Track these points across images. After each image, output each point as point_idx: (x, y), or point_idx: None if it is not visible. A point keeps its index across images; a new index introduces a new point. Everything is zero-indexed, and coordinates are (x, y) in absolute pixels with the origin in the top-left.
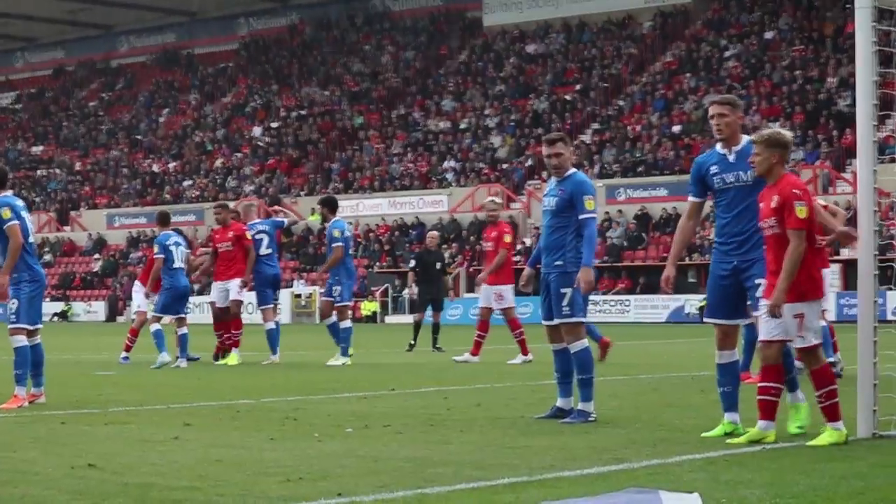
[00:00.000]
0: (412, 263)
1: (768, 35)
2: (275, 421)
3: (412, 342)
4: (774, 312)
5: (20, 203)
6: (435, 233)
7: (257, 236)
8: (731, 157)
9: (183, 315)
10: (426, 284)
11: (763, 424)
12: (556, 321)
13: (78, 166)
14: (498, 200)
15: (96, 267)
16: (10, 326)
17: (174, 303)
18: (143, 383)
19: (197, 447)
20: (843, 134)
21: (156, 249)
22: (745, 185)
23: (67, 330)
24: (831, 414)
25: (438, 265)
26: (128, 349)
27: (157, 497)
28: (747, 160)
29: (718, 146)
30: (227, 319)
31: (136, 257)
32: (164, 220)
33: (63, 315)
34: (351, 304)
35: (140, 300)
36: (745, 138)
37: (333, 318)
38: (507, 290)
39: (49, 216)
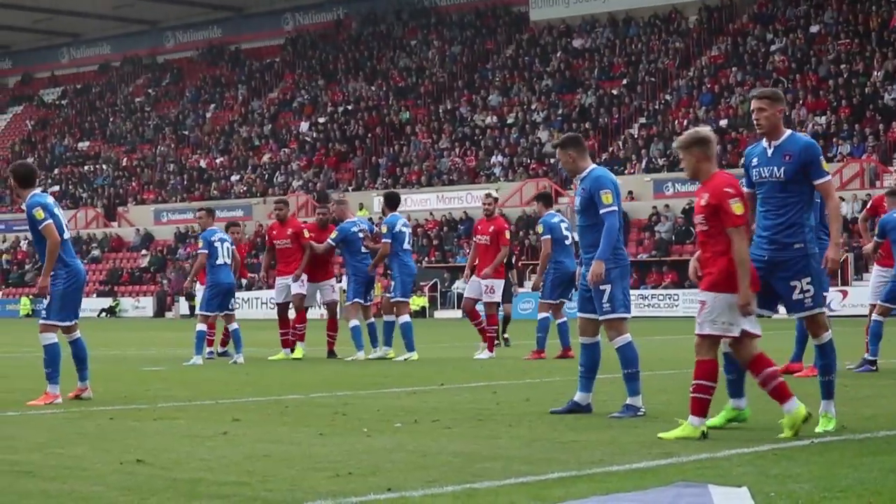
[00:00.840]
0: None
1: (814, 29)
2: (324, 416)
3: (505, 336)
4: (748, 311)
5: (51, 200)
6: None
7: (360, 234)
8: (770, 152)
9: (231, 311)
10: None
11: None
12: (600, 318)
13: (125, 162)
14: (494, 195)
15: (144, 262)
16: (41, 322)
17: (215, 299)
18: (191, 379)
19: (245, 442)
20: (889, 127)
21: (200, 244)
22: (778, 181)
23: (115, 325)
24: (696, 408)
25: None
26: (209, 343)
27: (205, 492)
28: (783, 155)
29: (764, 139)
30: (286, 316)
31: (183, 253)
32: (211, 215)
33: (111, 311)
34: (405, 299)
35: None
36: (786, 133)
37: (393, 316)
38: (499, 284)
39: (96, 212)
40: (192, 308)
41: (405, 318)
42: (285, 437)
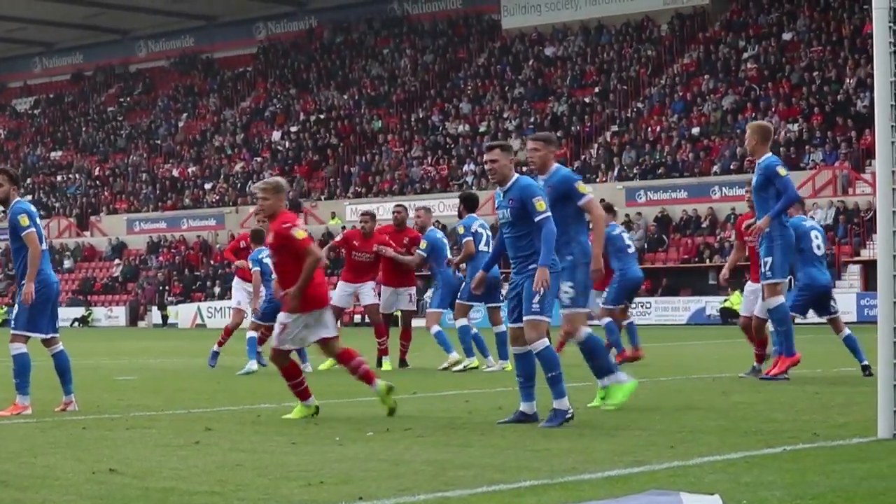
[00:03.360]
0: None
1: (786, 36)
2: (296, 425)
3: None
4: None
5: (34, 209)
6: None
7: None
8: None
9: None
10: None
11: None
12: (524, 318)
13: (97, 171)
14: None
15: (116, 272)
16: (11, 332)
17: (274, 312)
18: (163, 388)
19: (218, 452)
20: (861, 135)
21: (250, 265)
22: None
23: (88, 335)
24: (302, 396)
25: None
26: (219, 345)
27: (177, 501)
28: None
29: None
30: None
31: (156, 263)
32: (257, 238)
33: (84, 320)
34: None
35: (241, 297)
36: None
37: None
38: None
39: (69, 221)
40: (164, 318)
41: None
42: (258, 446)
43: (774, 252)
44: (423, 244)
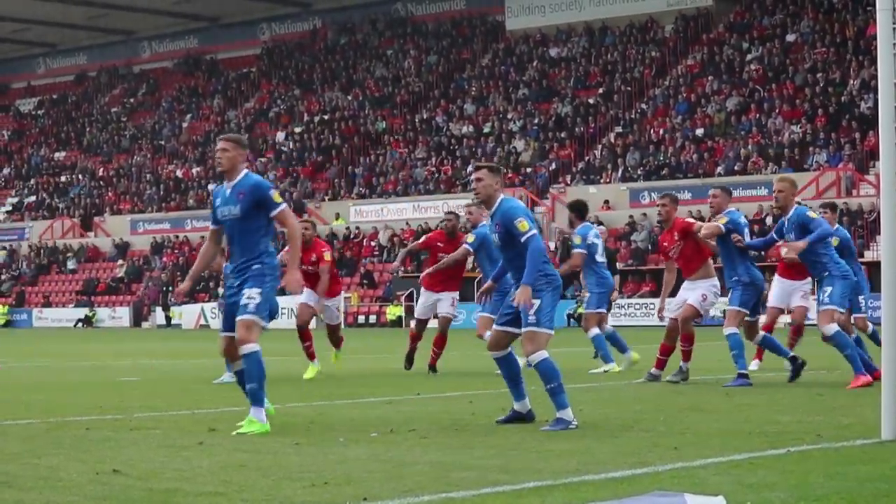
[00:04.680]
0: None
1: (790, 37)
2: (299, 426)
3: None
4: None
5: None
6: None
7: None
8: (228, 191)
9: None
10: None
11: None
12: (523, 329)
13: (101, 172)
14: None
15: (120, 272)
16: None
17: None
18: (167, 389)
19: (221, 452)
20: (865, 136)
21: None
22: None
23: (92, 336)
24: None
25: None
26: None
27: (181, 502)
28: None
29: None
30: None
31: (159, 264)
32: None
33: (87, 321)
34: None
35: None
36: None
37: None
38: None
39: (72, 222)
40: (168, 319)
41: (594, 330)
42: (261, 447)
43: (835, 283)
44: (470, 237)
